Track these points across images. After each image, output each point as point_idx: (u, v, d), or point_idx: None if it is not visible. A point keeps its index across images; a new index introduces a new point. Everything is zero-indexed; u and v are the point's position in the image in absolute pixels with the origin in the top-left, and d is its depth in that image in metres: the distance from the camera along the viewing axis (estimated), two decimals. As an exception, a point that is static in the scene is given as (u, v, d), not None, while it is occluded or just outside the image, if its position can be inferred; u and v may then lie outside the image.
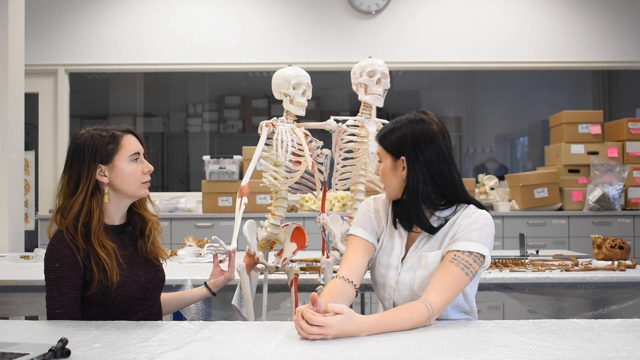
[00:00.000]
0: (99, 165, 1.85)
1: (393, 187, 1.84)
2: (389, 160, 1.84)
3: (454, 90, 7.60)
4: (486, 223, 1.76)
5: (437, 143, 1.78)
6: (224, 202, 4.83)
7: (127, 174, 1.87)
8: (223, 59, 5.45)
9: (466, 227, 1.75)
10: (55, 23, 5.43)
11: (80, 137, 1.88)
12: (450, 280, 1.67)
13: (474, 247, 1.71)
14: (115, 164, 1.86)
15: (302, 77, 2.30)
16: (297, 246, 2.29)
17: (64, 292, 1.77)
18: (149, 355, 1.38)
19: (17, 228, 4.08)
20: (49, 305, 1.80)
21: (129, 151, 1.88)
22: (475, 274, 1.72)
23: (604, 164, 4.79)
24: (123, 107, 7.19)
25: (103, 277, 1.79)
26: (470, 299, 1.84)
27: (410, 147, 1.78)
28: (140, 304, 1.90)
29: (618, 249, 2.85)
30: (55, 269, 1.78)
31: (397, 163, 1.82)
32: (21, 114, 4.15)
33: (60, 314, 1.78)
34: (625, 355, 1.34)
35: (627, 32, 5.45)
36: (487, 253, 1.73)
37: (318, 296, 1.50)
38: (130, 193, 1.89)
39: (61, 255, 1.78)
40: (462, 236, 1.73)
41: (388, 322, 1.57)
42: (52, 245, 1.80)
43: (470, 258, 1.71)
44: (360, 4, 5.39)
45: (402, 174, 1.81)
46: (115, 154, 1.86)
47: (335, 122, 2.36)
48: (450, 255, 1.72)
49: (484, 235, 1.74)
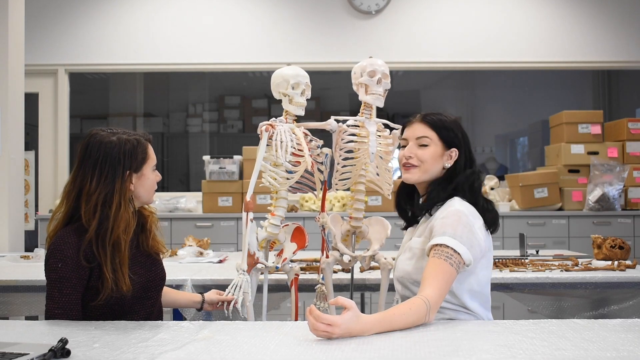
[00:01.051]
0: (132, 173, 1.85)
1: (433, 173, 1.91)
2: (439, 148, 1.91)
3: (454, 90, 7.60)
4: (458, 218, 1.79)
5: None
6: (224, 202, 4.83)
7: (151, 183, 1.91)
8: (223, 59, 5.45)
9: (440, 221, 1.80)
10: (55, 23, 5.43)
11: (109, 142, 1.82)
12: (438, 273, 1.70)
13: (447, 241, 1.74)
14: (144, 173, 1.88)
15: (300, 76, 2.29)
16: (297, 246, 2.29)
17: (65, 292, 1.76)
18: (149, 355, 1.38)
19: (17, 228, 4.09)
20: (48, 305, 1.78)
21: (153, 160, 1.92)
22: (460, 265, 1.73)
23: (604, 164, 4.79)
24: (123, 107, 7.19)
25: (115, 291, 1.77)
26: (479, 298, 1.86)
27: (463, 143, 1.93)
28: (142, 303, 1.89)
29: (618, 249, 2.85)
30: (57, 269, 1.76)
31: (445, 152, 1.91)
32: (21, 114, 4.15)
33: (59, 315, 1.76)
34: (625, 355, 1.34)
35: (627, 32, 5.45)
36: (459, 247, 1.73)
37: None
38: (147, 200, 1.93)
39: (64, 255, 1.76)
40: (437, 231, 1.78)
41: (390, 320, 1.59)
42: (56, 246, 1.78)
43: (449, 249, 1.73)
44: (360, 4, 5.39)
45: (446, 163, 1.91)
46: (145, 163, 1.88)
47: (336, 122, 2.36)
48: (432, 250, 1.76)
49: (457, 231, 1.76)
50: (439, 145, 1.91)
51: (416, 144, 1.92)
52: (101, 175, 1.80)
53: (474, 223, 1.81)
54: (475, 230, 1.80)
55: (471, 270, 1.80)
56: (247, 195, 2.16)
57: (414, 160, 1.91)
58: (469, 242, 1.76)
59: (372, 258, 2.35)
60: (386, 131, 2.39)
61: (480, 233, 1.82)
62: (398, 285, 1.96)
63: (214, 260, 3.16)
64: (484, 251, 1.83)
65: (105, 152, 1.81)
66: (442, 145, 1.91)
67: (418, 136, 1.93)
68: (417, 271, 1.85)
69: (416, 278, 1.84)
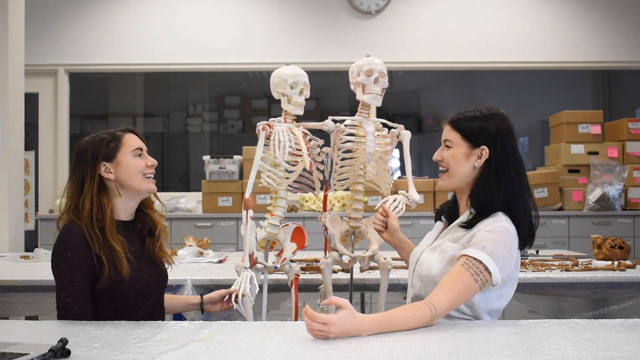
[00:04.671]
0: (102, 162, 1.91)
1: (462, 175, 1.85)
2: (463, 148, 1.85)
3: (454, 90, 7.59)
4: (502, 236, 1.72)
5: (515, 140, 1.85)
6: (224, 202, 4.83)
7: (132, 167, 1.92)
8: (223, 59, 5.45)
9: (484, 233, 1.73)
10: (55, 23, 5.43)
11: (82, 143, 1.96)
12: (458, 284, 1.66)
13: (483, 258, 1.68)
14: (120, 160, 1.92)
15: (299, 76, 2.28)
16: (297, 246, 2.29)
17: (76, 281, 1.80)
18: (149, 355, 1.38)
19: (17, 228, 4.09)
20: (59, 295, 1.81)
21: (131, 147, 1.94)
22: (486, 283, 1.68)
23: (604, 164, 4.79)
24: (123, 107, 7.19)
25: (113, 271, 1.82)
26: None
27: (497, 138, 1.81)
28: (144, 300, 1.92)
29: (618, 249, 2.85)
30: (67, 257, 1.80)
31: (473, 152, 1.84)
32: (21, 114, 4.15)
33: (71, 304, 1.79)
34: (625, 355, 1.34)
35: (627, 32, 5.45)
36: (492, 267, 1.68)
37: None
38: (137, 187, 1.93)
39: (73, 244, 1.81)
40: (477, 243, 1.71)
41: (390, 322, 1.57)
42: (64, 235, 1.84)
43: (481, 265, 1.68)
44: (360, 4, 5.39)
45: (477, 163, 1.82)
46: (118, 150, 1.93)
47: (333, 122, 2.35)
48: (462, 259, 1.70)
49: (497, 249, 1.70)
50: (463, 145, 1.85)
51: (444, 147, 1.91)
52: (75, 172, 1.93)
53: (513, 244, 1.75)
54: (513, 252, 1.75)
55: (500, 292, 1.76)
56: (245, 193, 2.15)
57: (443, 163, 1.90)
58: (503, 264, 1.71)
59: (371, 258, 2.34)
60: (384, 130, 2.38)
61: (515, 254, 1.76)
62: (417, 280, 1.88)
63: (214, 260, 3.16)
64: (511, 272, 1.77)
65: (77, 153, 1.95)
66: (467, 145, 1.85)
67: (444, 139, 1.91)
68: (442, 275, 1.76)
69: (438, 281, 1.76)
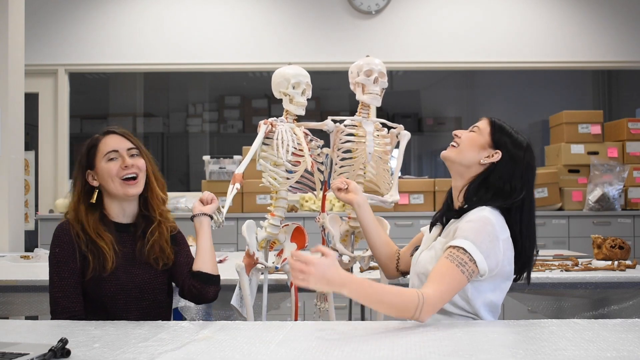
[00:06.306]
0: (87, 171, 1.98)
1: (466, 158, 1.87)
2: (483, 140, 1.88)
3: (454, 90, 7.59)
4: (484, 225, 1.73)
5: (531, 178, 1.88)
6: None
7: (105, 174, 1.96)
8: (223, 59, 5.45)
9: (466, 224, 1.74)
10: (55, 23, 5.43)
11: (78, 147, 2.12)
12: (445, 277, 1.66)
13: (466, 246, 1.68)
14: (97, 166, 1.98)
15: (301, 76, 2.28)
16: (297, 246, 2.29)
17: (63, 276, 1.90)
18: (149, 355, 1.38)
19: (17, 228, 4.08)
20: (50, 290, 1.92)
21: (102, 152, 1.98)
22: (472, 273, 1.68)
23: (604, 164, 4.79)
24: (123, 107, 7.19)
25: (97, 264, 1.89)
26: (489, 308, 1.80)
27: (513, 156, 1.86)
28: (137, 304, 1.95)
29: (618, 249, 2.85)
30: (56, 254, 1.92)
31: (489, 149, 1.87)
32: (21, 114, 4.15)
33: (60, 297, 1.89)
34: (625, 355, 1.34)
35: (627, 32, 5.45)
36: (476, 255, 1.68)
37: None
38: (114, 191, 1.97)
39: (61, 241, 1.93)
40: (460, 234, 1.73)
41: (374, 290, 1.58)
42: (54, 234, 1.96)
43: (465, 256, 1.68)
44: (360, 4, 5.39)
45: (484, 159, 1.85)
46: (95, 157, 1.98)
47: (333, 122, 2.35)
48: (447, 251, 1.71)
49: (479, 237, 1.70)
50: (486, 138, 1.88)
51: (469, 130, 1.94)
52: (74, 172, 2.05)
53: (497, 234, 1.74)
54: (497, 241, 1.73)
55: (494, 283, 1.76)
56: (237, 169, 2.19)
57: (457, 139, 1.91)
58: (487, 251, 1.70)
59: (371, 258, 2.35)
60: (384, 130, 2.38)
61: (502, 246, 1.74)
62: (415, 279, 1.90)
63: (214, 260, 3.15)
64: (499, 262, 1.74)
65: (76, 154, 2.08)
66: (488, 141, 1.87)
67: (474, 125, 1.94)
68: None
69: None
